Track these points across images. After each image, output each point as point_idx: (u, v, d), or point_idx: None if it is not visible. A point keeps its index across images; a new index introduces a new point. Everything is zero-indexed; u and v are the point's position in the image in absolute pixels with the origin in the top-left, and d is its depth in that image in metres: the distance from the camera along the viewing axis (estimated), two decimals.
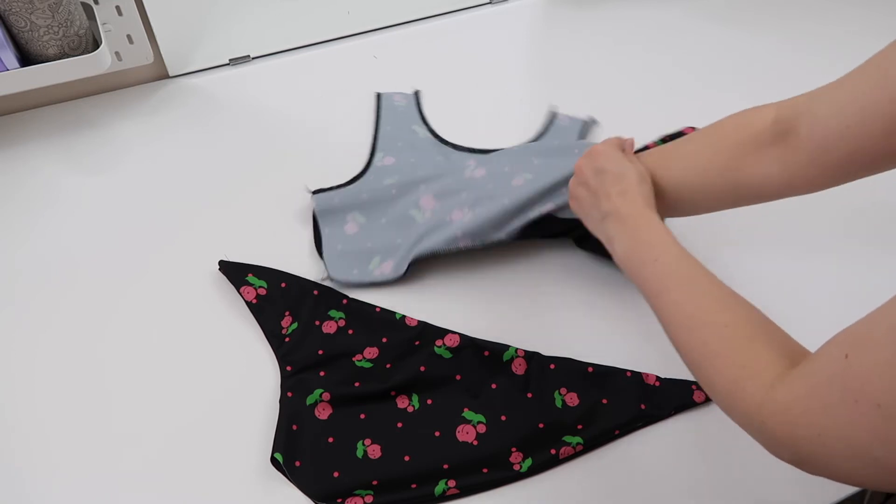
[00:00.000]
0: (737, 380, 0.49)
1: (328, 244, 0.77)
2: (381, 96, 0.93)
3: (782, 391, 0.46)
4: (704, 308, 0.55)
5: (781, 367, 0.48)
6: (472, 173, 0.79)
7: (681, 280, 0.57)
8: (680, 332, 0.55)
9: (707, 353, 0.52)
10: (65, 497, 0.62)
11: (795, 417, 0.44)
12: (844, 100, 0.57)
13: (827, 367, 0.43)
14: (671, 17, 1.08)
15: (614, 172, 0.65)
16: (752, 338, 0.51)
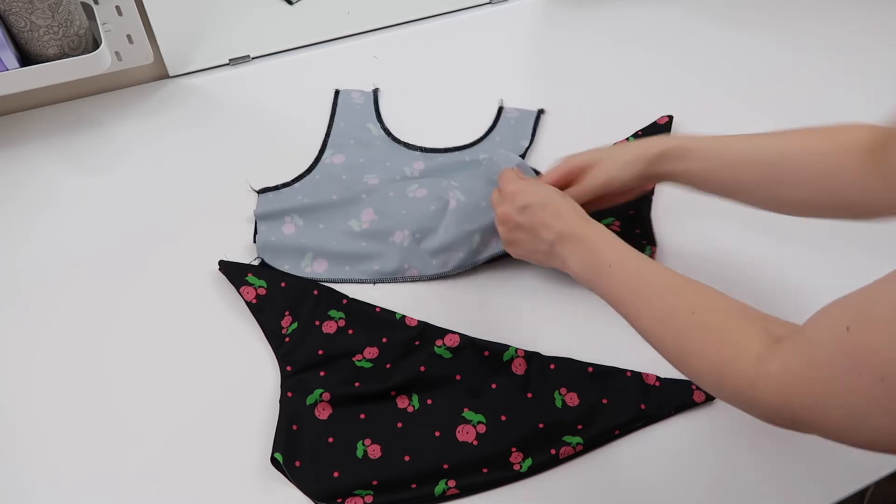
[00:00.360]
0: (721, 361, 0.50)
1: (263, 237, 0.77)
2: (339, 93, 0.93)
3: (776, 363, 0.46)
4: (669, 300, 0.56)
5: (765, 340, 0.49)
6: (415, 193, 0.80)
7: (639, 279, 0.58)
8: (652, 329, 0.56)
9: (683, 342, 0.53)
10: (65, 497, 0.62)
11: (793, 388, 0.45)
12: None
13: (826, 340, 0.43)
14: (671, 17, 1.08)
15: (537, 203, 0.66)
16: (723, 318, 0.52)
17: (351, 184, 0.83)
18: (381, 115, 0.91)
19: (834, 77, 1.00)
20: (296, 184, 0.82)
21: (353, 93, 0.94)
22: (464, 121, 0.92)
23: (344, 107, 0.92)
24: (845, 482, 0.64)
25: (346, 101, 0.93)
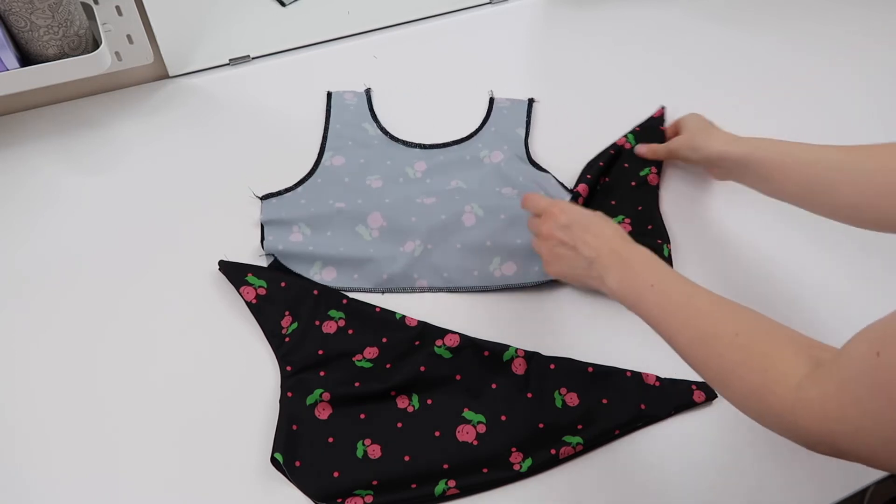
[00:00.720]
0: (763, 385, 0.50)
1: (270, 245, 0.77)
2: (332, 95, 0.93)
3: (814, 390, 0.46)
4: (712, 322, 0.56)
5: (806, 366, 0.48)
6: (423, 200, 0.80)
7: (681, 300, 0.58)
8: (693, 351, 0.56)
9: (725, 365, 0.53)
10: (65, 497, 0.62)
11: (829, 413, 0.45)
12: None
13: (857, 364, 0.43)
14: (671, 17, 1.08)
15: (580, 222, 0.68)
16: (767, 342, 0.52)
17: (354, 186, 0.83)
18: (375, 115, 0.92)
19: (834, 77, 1.00)
20: (298, 188, 0.82)
21: (346, 94, 0.94)
22: (464, 120, 0.92)
23: (338, 108, 0.92)
24: (845, 482, 0.64)
25: (339, 102, 0.93)
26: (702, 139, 0.78)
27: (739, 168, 0.73)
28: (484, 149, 0.87)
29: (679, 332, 0.57)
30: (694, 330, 0.56)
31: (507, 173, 0.84)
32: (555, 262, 0.69)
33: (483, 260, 0.76)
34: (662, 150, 0.83)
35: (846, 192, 0.63)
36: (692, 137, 0.79)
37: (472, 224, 0.78)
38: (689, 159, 0.81)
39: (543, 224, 0.70)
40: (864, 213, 0.62)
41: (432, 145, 0.88)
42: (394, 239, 0.77)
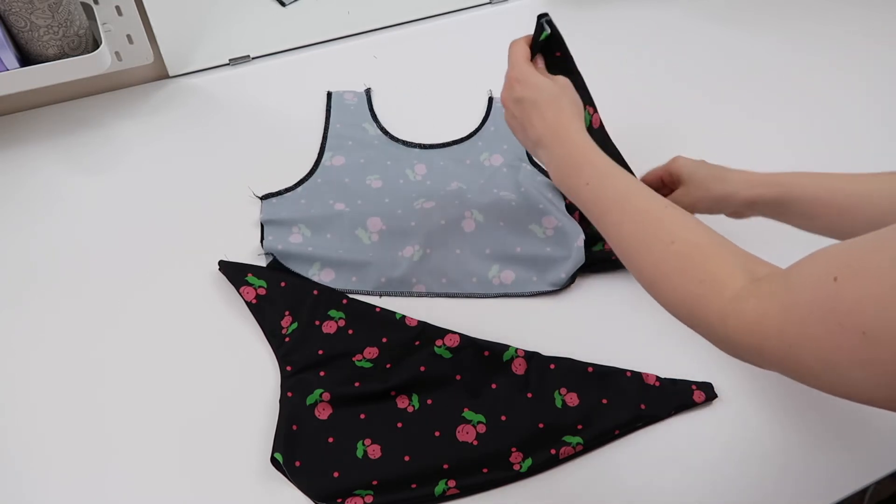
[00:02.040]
0: (697, 295, 0.50)
1: (269, 245, 0.77)
2: (332, 95, 0.93)
3: (751, 303, 0.46)
4: (647, 228, 0.54)
5: (742, 279, 0.48)
6: (423, 205, 0.80)
7: (618, 201, 0.57)
8: (628, 255, 0.55)
9: (659, 272, 0.53)
10: (65, 496, 0.62)
11: (766, 329, 0.45)
12: None
13: (810, 287, 0.43)
14: (671, 17, 1.08)
15: (530, 98, 0.65)
16: (703, 252, 0.51)
17: (354, 187, 0.83)
18: (375, 115, 0.92)
19: (834, 78, 1.00)
20: (298, 188, 0.82)
21: (346, 94, 0.94)
22: (464, 120, 0.92)
23: (338, 108, 0.92)
24: (845, 482, 0.64)
25: (339, 102, 0.93)
26: (719, 187, 0.69)
27: (776, 209, 0.67)
28: (484, 150, 0.88)
29: (613, 233, 0.57)
30: (628, 233, 0.55)
31: (507, 177, 0.84)
32: (511, 129, 0.68)
33: (482, 267, 0.76)
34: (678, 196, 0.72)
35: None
36: (705, 188, 0.70)
37: (471, 230, 0.78)
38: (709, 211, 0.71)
39: (503, 90, 0.68)
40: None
41: (432, 145, 0.88)
42: (393, 243, 0.77)
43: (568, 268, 0.75)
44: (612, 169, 0.59)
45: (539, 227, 0.78)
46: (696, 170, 0.71)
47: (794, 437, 0.67)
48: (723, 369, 0.70)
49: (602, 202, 0.58)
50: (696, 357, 0.70)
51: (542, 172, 0.84)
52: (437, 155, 0.87)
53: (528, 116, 0.65)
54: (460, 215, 0.79)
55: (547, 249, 0.76)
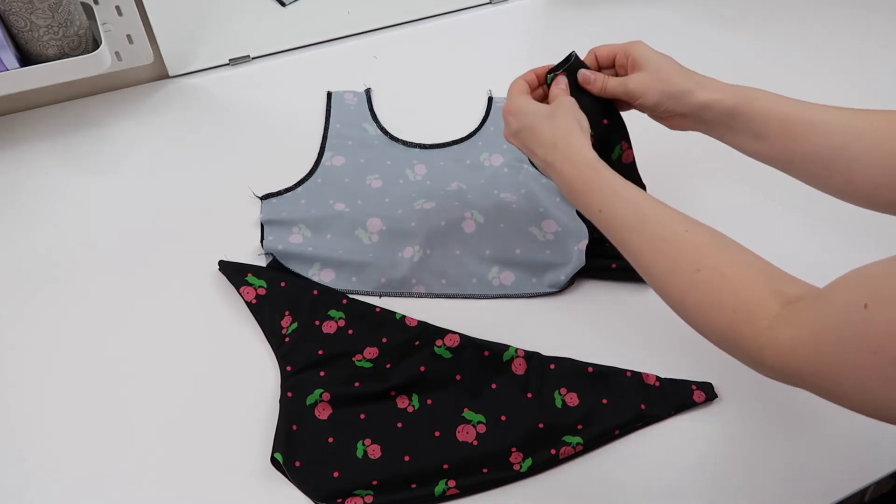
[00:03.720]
0: (729, 325, 0.49)
1: (269, 245, 0.77)
2: (332, 95, 0.93)
3: (786, 332, 0.46)
4: (669, 255, 0.52)
5: (776, 304, 0.47)
6: (423, 206, 0.80)
7: (632, 228, 0.55)
8: (652, 282, 0.54)
9: (688, 302, 0.51)
10: (65, 496, 0.62)
11: (802, 357, 0.44)
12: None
13: (842, 314, 0.42)
14: (671, 17, 1.08)
15: (526, 128, 0.64)
16: (731, 277, 0.50)
17: (354, 187, 0.83)
18: (375, 115, 0.92)
19: (833, 80, 1.00)
20: (298, 188, 0.82)
21: (346, 94, 0.94)
22: (464, 120, 0.92)
23: (338, 108, 0.92)
24: (845, 482, 0.64)
25: (339, 102, 0.93)
26: (678, 81, 0.63)
27: (727, 121, 0.61)
28: (484, 150, 0.88)
29: (634, 261, 0.55)
30: (649, 262, 0.53)
31: (508, 178, 0.84)
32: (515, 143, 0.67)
33: (482, 268, 0.76)
34: (617, 88, 0.65)
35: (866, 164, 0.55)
36: (665, 78, 0.63)
37: (471, 231, 0.78)
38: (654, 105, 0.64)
39: (504, 128, 0.68)
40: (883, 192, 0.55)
41: (432, 145, 0.88)
42: (393, 243, 0.77)
43: (567, 271, 0.75)
44: (623, 190, 0.57)
45: (539, 231, 0.78)
46: (658, 58, 0.65)
47: (794, 437, 0.67)
48: (723, 369, 0.70)
49: (618, 229, 0.56)
50: (696, 357, 0.70)
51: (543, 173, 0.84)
52: (437, 155, 0.87)
53: (528, 144, 0.64)
54: (460, 216, 0.79)
55: (547, 252, 0.76)
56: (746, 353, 0.49)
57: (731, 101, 0.61)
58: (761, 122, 0.60)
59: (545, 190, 0.82)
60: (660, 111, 0.64)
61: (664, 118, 0.66)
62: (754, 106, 0.60)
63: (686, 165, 0.86)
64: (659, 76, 0.64)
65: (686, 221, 0.54)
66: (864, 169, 0.55)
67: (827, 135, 0.57)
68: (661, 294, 0.54)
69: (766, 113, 0.60)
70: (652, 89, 0.63)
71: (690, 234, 0.53)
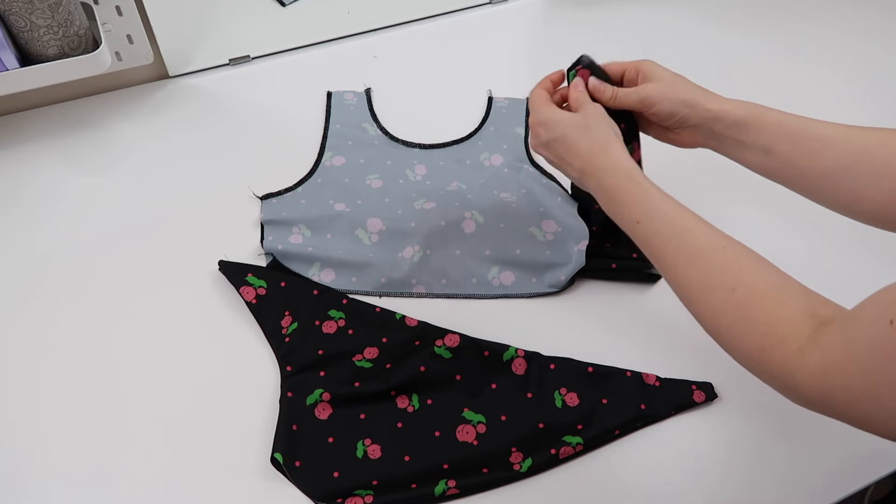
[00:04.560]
0: (761, 349, 0.48)
1: (269, 245, 0.77)
2: (332, 95, 0.93)
3: (816, 356, 0.45)
4: (707, 273, 0.52)
5: (808, 326, 0.47)
6: (423, 206, 0.80)
7: (670, 240, 0.55)
8: (687, 299, 0.53)
9: (722, 322, 0.51)
10: (65, 496, 0.62)
11: (831, 380, 0.44)
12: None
13: (868, 333, 0.42)
14: (671, 18, 1.08)
15: (558, 139, 0.63)
16: (766, 299, 0.49)
17: (354, 187, 0.83)
18: (375, 115, 0.92)
19: (834, 80, 1.00)
20: (298, 188, 0.82)
21: (346, 94, 0.94)
22: (464, 120, 0.92)
23: (338, 108, 0.92)
24: (845, 482, 0.64)
25: (339, 102, 0.93)
26: (687, 89, 0.64)
27: (736, 132, 0.62)
28: (484, 150, 0.88)
29: (670, 276, 0.55)
30: (686, 277, 0.53)
31: (508, 178, 0.84)
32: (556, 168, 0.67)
33: (482, 268, 0.76)
34: (629, 96, 0.65)
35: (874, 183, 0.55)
36: (678, 88, 0.64)
37: (471, 231, 0.78)
38: (669, 113, 0.64)
39: (531, 139, 0.67)
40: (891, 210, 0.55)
41: (432, 145, 0.88)
42: (393, 243, 0.77)
43: (567, 271, 0.75)
44: (663, 202, 0.57)
45: (539, 231, 0.78)
46: (670, 73, 0.66)
47: (794, 437, 0.67)
48: (723, 369, 0.69)
49: (656, 241, 0.56)
50: (696, 357, 0.70)
51: (544, 174, 0.84)
52: (437, 155, 0.87)
53: (561, 155, 0.63)
54: (460, 216, 0.79)
55: (547, 253, 0.76)
56: (778, 377, 0.48)
57: (741, 112, 0.62)
58: (770, 137, 0.60)
59: (545, 190, 0.81)
60: (674, 120, 0.65)
61: (675, 132, 0.67)
62: (764, 120, 0.61)
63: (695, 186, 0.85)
64: (672, 86, 0.65)
65: (725, 238, 0.54)
66: (872, 187, 0.55)
67: (836, 151, 0.57)
68: (694, 312, 0.53)
69: (775, 127, 0.60)
70: (667, 98, 0.64)
71: (729, 252, 0.52)
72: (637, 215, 0.57)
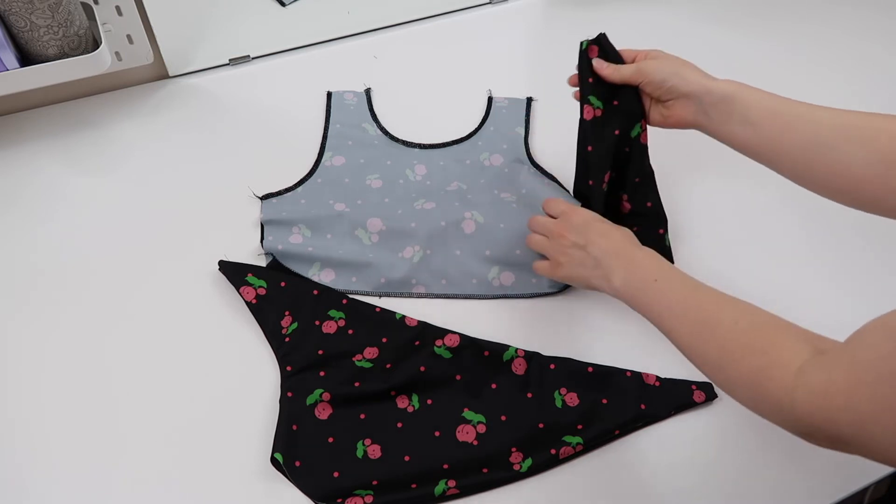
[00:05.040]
0: (760, 369, 0.50)
1: (269, 245, 0.77)
2: (332, 95, 0.93)
3: (817, 376, 0.46)
4: (713, 311, 0.56)
5: (807, 353, 0.48)
6: (423, 206, 0.80)
7: (683, 291, 0.59)
8: (694, 340, 0.57)
9: (725, 351, 0.53)
10: (65, 496, 0.62)
11: (833, 401, 0.45)
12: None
13: (874, 359, 0.43)
14: (671, 17, 1.08)
15: (592, 225, 0.69)
16: (767, 329, 0.52)
17: (354, 187, 0.82)
18: (375, 115, 0.92)
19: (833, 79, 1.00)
20: (298, 188, 0.82)
21: (346, 94, 0.94)
22: (464, 120, 0.92)
23: (338, 108, 0.92)
24: (845, 482, 0.64)
25: (339, 102, 0.93)
26: (683, 66, 0.69)
27: (722, 107, 0.65)
28: (484, 150, 0.88)
29: (681, 324, 0.58)
30: (695, 320, 0.57)
31: (508, 178, 0.84)
32: (562, 259, 0.69)
33: (482, 268, 0.76)
34: (629, 70, 0.70)
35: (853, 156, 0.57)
36: (670, 62, 0.69)
37: (471, 231, 0.78)
38: (661, 80, 0.68)
39: (557, 224, 0.71)
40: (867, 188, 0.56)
41: (432, 145, 0.88)
42: (393, 244, 0.77)
43: None
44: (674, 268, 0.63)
45: None
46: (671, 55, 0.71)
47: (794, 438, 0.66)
48: None
49: (670, 295, 0.60)
50: None
51: (545, 174, 0.84)
52: (437, 155, 0.87)
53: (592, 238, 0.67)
54: (460, 217, 0.79)
55: None
56: (777, 401, 0.49)
57: (729, 88, 0.65)
58: (755, 111, 0.63)
59: (546, 189, 0.81)
60: (665, 88, 0.68)
61: (668, 107, 0.70)
62: (749, 95, 0.64)
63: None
64: (668, 60, 0.70)
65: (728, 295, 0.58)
66: (848, 160, 0.57)
67: (813, 125, 0.60)
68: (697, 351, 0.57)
69: (759, 102, 0.64)
70: (659, 69, 0.69)
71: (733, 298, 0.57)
72: (655, 275, 0.62)
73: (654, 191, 0.75)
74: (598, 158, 0.73)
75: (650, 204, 0.75)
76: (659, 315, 0.60)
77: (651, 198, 0.75)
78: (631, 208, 0.76)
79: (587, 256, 0.67)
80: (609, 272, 0.65)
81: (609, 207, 0.75)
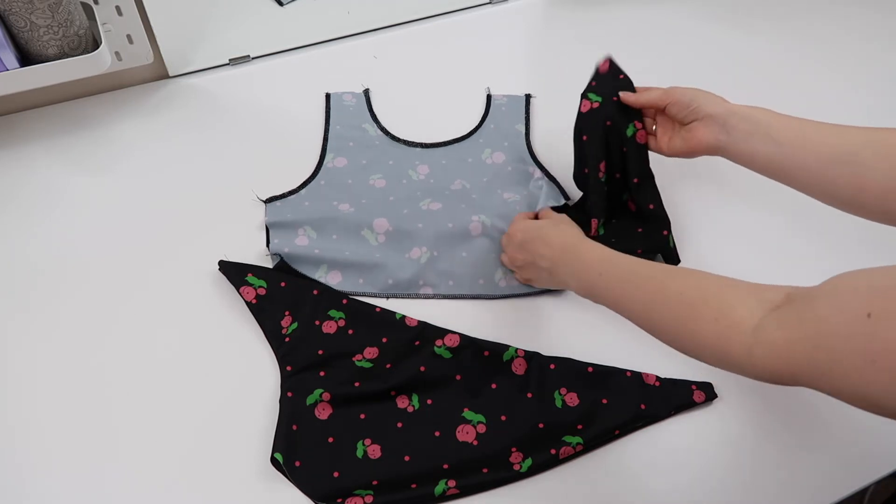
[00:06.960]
0: (717, 334, 0.51)
1: (275, 248, 0.76)
2: (331, 96, 0.93)
3: (776, 334, 0.47)
4: (655, 286, 0.57)
5: (759, 309, 0.49)
6: (429, 206, 0.80)
7: (624, 275, 0.61)
8: (647, 318, 0.58)
9: (677, 323, 0.55)
10: (65, 496, 0.62)
11: (795, 357, 0.46)
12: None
13: (842, 321, 0.43)
14: (671, 17, 1.08)
15: (533, 236, 0.70)
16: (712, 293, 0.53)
17: (358, 188, 0.82)
18: (375, 115, 0.92)
19: (831, 78, 1.00)
20: (301, 190, 0.82)
21: (345, 95, 0.94)
22: (464, 120, 0.92)
23: (337, 109, 0.92)
24: (845, 482, 0.64)
25: (338, 103, 0.93)
26: (705, 93, 0.70)
27: (746, 126, 0.65)
28: (486, 147, 0.88)
29: (631, 307, 0.59)
30: (642, 299, 0.58)
31: (510, 177, 0.84)
32: (528, 275, 0.73)
33: (488, 269, 0.76)
34: (657, 92, 0.72)
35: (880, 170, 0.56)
36: (693, 89, 0.70)
37: (478, 233, 0.78)
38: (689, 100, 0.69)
39: (508, 246, 0.74)
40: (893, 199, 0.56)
41: (434, 144, 0.88)
42: (400, 245, 0.77)
43: None
44: (617, 255, 0.63)
45: None
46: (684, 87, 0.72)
47: (794, 437, 0.67)
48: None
49: (615, 283, 0.61)
50: None
51: (547, 174, 0.84)
52: (438, 154, 0.87)
53: (536, 252, 0.69)
54: (467, 219, 0.79)
55: None
56: (737, 360, 0.50)
57: (754, 110, 0.66)
58: (776, 128, 0.64)
59: (546, 189, 0.82)
60: (691, 109, 0.69)
61: (689, 130, 0.70)
62: (773, 115, 0.65)
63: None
64: (692, 88, 0.71)
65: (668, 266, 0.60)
66: (874, 173, 0.57)
67: (838, 140, 0.60)
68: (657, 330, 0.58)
69: (781, 121, 0.65)
70: (686, 91, 0.70)
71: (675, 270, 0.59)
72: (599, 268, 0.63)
73: (655, 193, 0.76)
74: (592, 148, 0.75)
75: (652, 206, 0.76)
76: (614, 305, 0.61)
77: (652, 200, 0.76)
78: (635, 210, 0.77)
79: (540, 270, 0.70)
80: (563, 279, 0.67)
81: (614, 204, 0.77)
